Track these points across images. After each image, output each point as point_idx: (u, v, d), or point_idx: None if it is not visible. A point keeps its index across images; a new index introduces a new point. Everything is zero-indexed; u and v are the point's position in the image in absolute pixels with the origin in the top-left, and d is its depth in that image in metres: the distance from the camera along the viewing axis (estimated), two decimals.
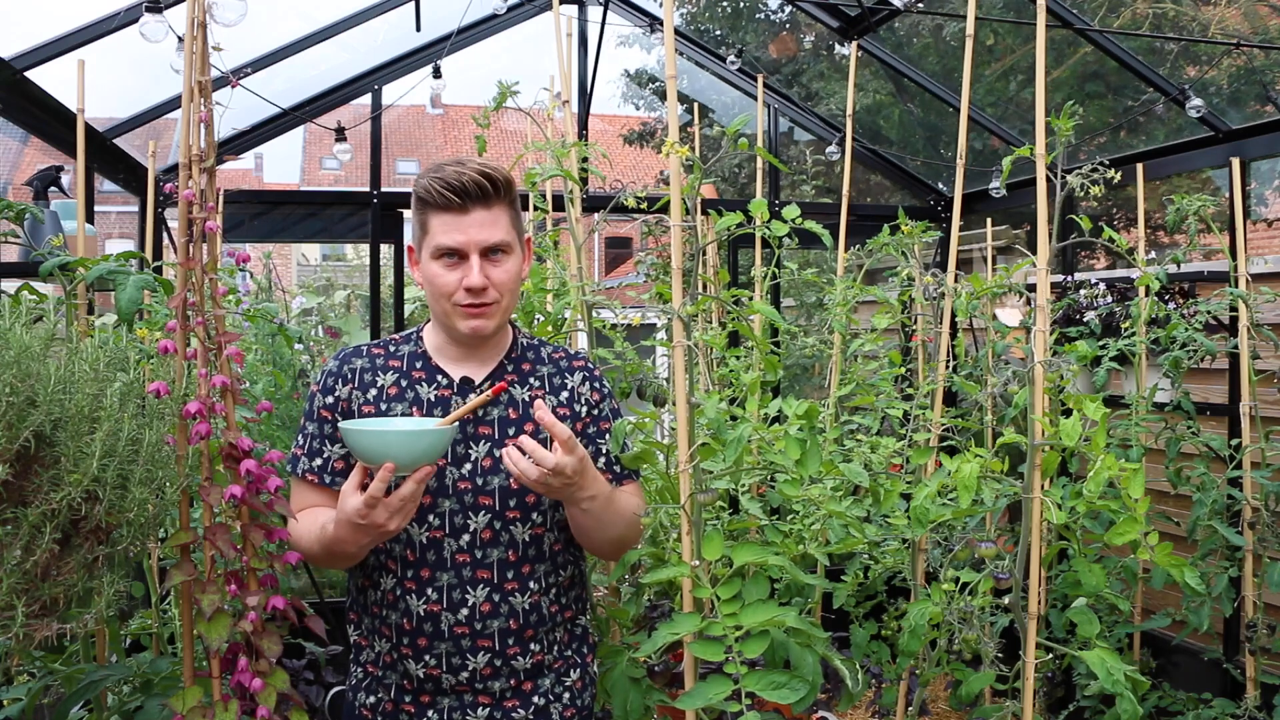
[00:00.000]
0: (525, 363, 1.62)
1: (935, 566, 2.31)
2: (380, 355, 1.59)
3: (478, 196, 1.48)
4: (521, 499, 1.53)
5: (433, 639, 1.51)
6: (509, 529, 1.53)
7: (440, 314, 1.54)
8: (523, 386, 1.59)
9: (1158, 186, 6.98)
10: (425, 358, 1.59)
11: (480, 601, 1.51)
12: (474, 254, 1.49)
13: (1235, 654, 2.93)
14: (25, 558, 1.16)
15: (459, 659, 1.52)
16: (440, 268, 1.50)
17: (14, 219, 1.97)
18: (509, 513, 1.53)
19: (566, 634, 1.63)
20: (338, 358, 1.60)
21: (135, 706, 1.74)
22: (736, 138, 1.67)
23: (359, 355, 1.60)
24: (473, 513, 1.52)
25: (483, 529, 1.52)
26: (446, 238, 1.49)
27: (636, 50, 10.65)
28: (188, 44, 1.36)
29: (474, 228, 1.49)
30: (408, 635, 1.52)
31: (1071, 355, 2.00)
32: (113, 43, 3.15)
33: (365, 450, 1.34)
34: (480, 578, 1.52)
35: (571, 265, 2.42)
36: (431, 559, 1.51)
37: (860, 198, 6.11)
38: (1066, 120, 1.95)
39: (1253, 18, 4.49)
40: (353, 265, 13.12)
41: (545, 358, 1.64)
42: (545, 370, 1.62)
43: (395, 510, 1.36)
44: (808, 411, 1.85)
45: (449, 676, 1.52)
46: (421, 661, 1.52)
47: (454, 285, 1.50)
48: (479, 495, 1.52)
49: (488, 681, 1.53)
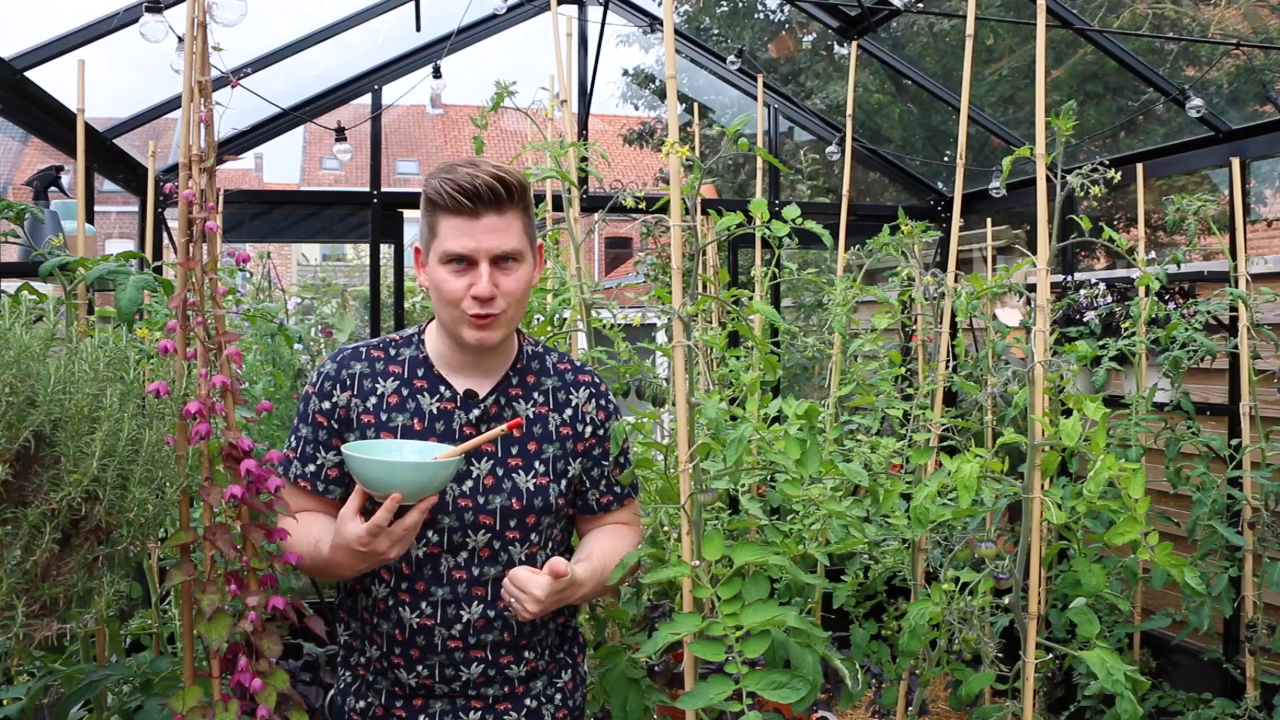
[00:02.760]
0: (530, 374, 1.57)
1: (935, 566, 2.31)
2: (380, 359, 1.54)
3: (490, 201, 1.42)
4: (522, 519, 1.51)
5: (425, 651, 1.49)
6: (508, 548, 1.51)
7: (446, 321, 1.49)
8: (526, 401, 1.55)
9: (1156, 184, 6.97)
10: (427, 365, 1.53)
11: (475, 617, 1.49)
12: (484, 261, 1.43)
13: (1235, 654, 2.93)
14: (25, 558, 1.16)
15: (452, 670, 1.50)
16: (448, 273, 1.45)
17: (14, 219, 1.97)
18: (509, 532, 1.51)
19: (558, 637, 1.63)
20: (335, 359, 1.54)
21: (135, 706, 1.74)
22: (736, 138, 1.67)
23: (358, 358, 1.54)
24: (472, 531, 1.49)
25: (481, 547, 1.49)
26: (456, 243, 1.43)
27: (636, 49, 10.65)
28: (188, 44, 1.36)
29: (484, 234, 1.43)
30: (399, 645, 1.50)
31: (1071, 355, 2.00)
32: (113, 43, 3.15)
33: (371, 480, 1.32)
34: (476, 594, 1.49)
35: (571, 265, 2.42)
36: (428, 573, 1.49)
37: (860, 198, 6.11)
38: (1066, 120, 1.95)
39: (1252, 18, 4.49)
40: (353, 265, 13.12)
41: (550, 368, 1.60)
42: (550, 384, 1.58)
43: (398, 539, 1.34)
44: (808, 411, 1.85)
45: (441, 685, 1.51)
46: (414, 672, 1.50)
47: (461, 293, 1.44)
48: (479, 514, 1.49)
49: (481, 688, 1.52)
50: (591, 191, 4.23)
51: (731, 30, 8.47)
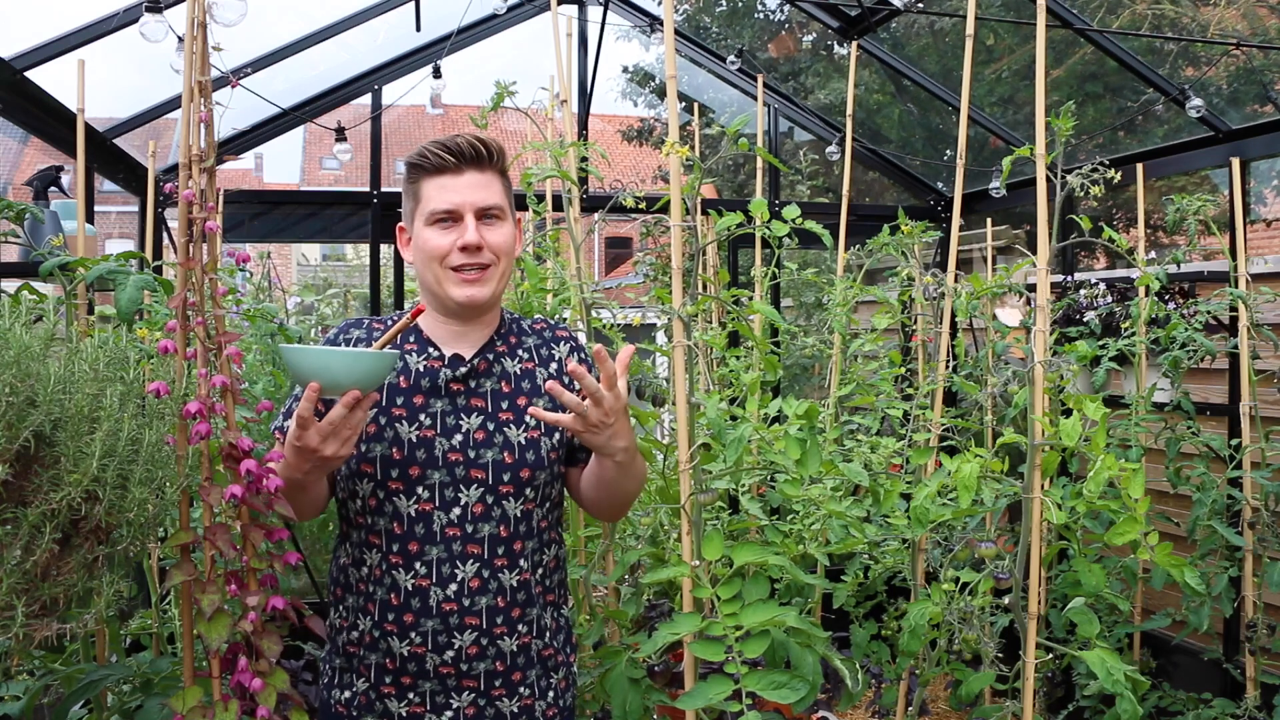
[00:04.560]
0: (513, 336, 1.62)
1: (935, 566, 2.31)
2: (379, 330, 1.59)
3: (472, 158, 1.48)
4: (516, 473, 1.51)
5: (419, 615, 1.48)
6: (501, 504, 1.51)
7: (432, 282, 1.52)
8: (512, 359, 1.58)
9: (1156, 184, 6.98)
10: (418, 331, 1.58)
11: (469, 577, 1.49)
12: (469, 214, 1.48)
13: (1235, 654, 2.93)
14: (25, 558, 1.16)
15: (445, 636, 1.49)
16: (434, 232, 1.49)
17: (14, 219, 1.97)
18: (502, 487, 1.51)
19: (553, 621, 1.61)
20: (339, 328, 1.62)
21: (135, 706, 1.74)
22: (736, 137, 1.68)
23: (358, 327, 1.60)
24: (464, 486, 1.49)
25: (474, 503, 1.50)
26: (441, 200, 1.48)
27: (635, 45, 10.64)
28: (188, 44, 1.36)
29: (468, 189, 1.48)
30: (393, 611, 1.49)
31: (1071, 355, 2.00)
32: (113, 42, 3.15)
33: (305, 370, 1.33)
34: (470, 552, 1.49)
35: (570, 265, 2.42)
36: (420, 532, 1.49)
37: (860, 197, 6.12)
38: (1066, 120, 1.95)
39: (1252, 18, 4.49)
40: (353, 265, 13.13)
41: (529, 329, 1.65)
42: (531, 341, 1.62)
43: (327, 434, 1.33)
44: (808, 411, 1.85)
45: (434, 656, 1.49)
46: (406, 639, 1.49)
47: (448, 247, 1.48)
48: (471, 468, 1.50)
49: (473, 662, 1.50)
50: (591, 191, 4.23)
51: (731, 30, 8.48)
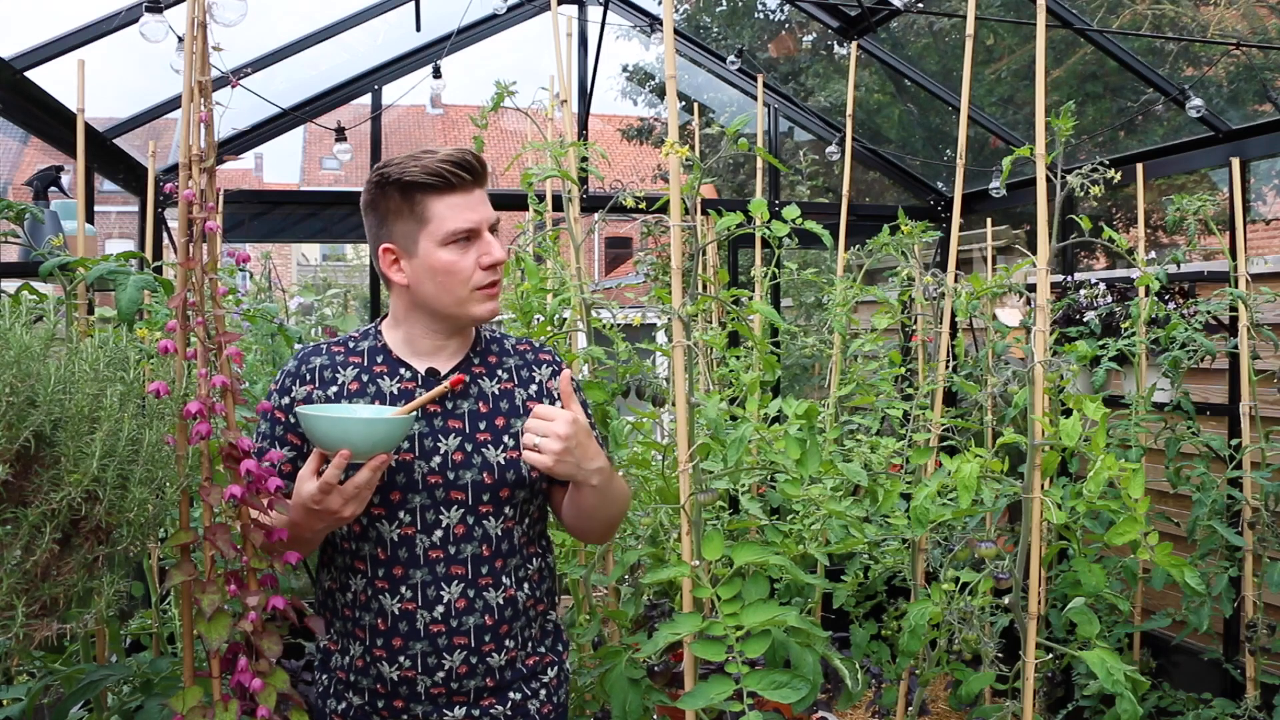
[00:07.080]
0: (491, 355, 1.60)
1: (935, 566, 2.31)
2: (340, 352, 1.56)
3: (478, 174, 1.49)
4: (495, 493, 1.51)
5: (408, 639, 1.49)
6: (482, 523, 1.51)
7: (450, 305, 1.50)
8: (491, 379, 1.57)
9: (1156, 184, 6.98)
10: (386, 352, 1.55)
11: (455, 597, 1.49)
12: (486, 230, 1.48)
13: (1235, 654, 2.93)
14: (25, 558, 1.16)
15: (434, 658, 1.49)
16: (453, 254, 1.46)
17: (14, 219, 1.97)
18: (482, 507, 1.51)
19: (539, 630, 1.62)
20: (297, 358, 1.57)
21: (135, 706, 1.74)
22: (736, 137, 1.68)
23: (318, 354, 1.57)
24: (445, 508, 1.49)
25: (455, 524, 1.50)
26: (460, 220, 1.45)
27: (635, 44, 10.64)
28: (188, 44, 1.36)
29: (481, 205, 1.48)
30: (382, 636, 1.50)
31: (1071, 355, 2.00)
32: (113, 42, 3.15)
33: (322, 437, 1.33)
34: (454, 574, 1.50)
35: (570, 265, 2.42)
36: (404, 556, 1.49)
37: (860, 197, 6.12)
38: (1066, 120, 1.95)
39: (1252, 18, 4.49)
40: (353, 265, 13.13)
41: (510, 349, 1.63)
42: (512, 362, 1.61)
43: (350, 497, 1.35)
44: (808, 411, 1.86)
45: (424, 678, 1.50)
46: (396, 664, 1.50)
47: (471, 267, 1.46)
48: (450, 490, 1.49)
49: (463, 680, 1.51)
50: (591, 191, 4.23)
51: (731, 29, 8.48)
